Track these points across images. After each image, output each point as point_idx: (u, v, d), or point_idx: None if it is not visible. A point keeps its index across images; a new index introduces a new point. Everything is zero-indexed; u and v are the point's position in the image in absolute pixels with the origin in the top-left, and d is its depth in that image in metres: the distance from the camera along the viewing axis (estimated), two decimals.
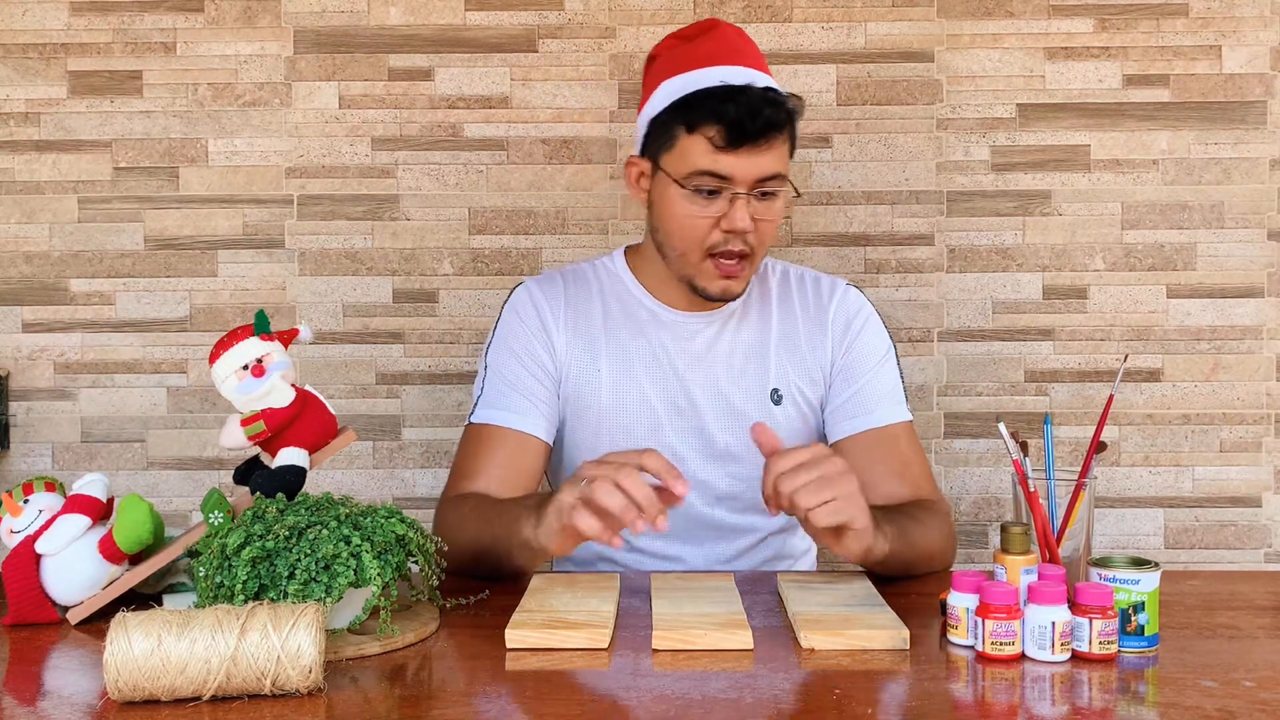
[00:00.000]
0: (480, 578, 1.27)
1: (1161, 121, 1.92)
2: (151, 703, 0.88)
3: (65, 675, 1.01)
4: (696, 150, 1.34)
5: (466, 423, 1.46)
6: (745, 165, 1.33)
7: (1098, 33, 1.91)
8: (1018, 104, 1.92)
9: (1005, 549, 1.06)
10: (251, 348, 1.11)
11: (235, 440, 1.13)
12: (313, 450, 1.14)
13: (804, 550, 1.57)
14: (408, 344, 1.94)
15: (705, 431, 1.45)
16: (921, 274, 1.93)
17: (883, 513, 1.22)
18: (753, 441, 1.17)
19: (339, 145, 1.92)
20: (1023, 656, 0.99)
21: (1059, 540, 1.12)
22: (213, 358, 1.12)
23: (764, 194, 1.36)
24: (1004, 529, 1.07)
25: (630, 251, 1.54)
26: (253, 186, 1.92)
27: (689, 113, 1.35)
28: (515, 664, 0.99)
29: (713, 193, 1.35)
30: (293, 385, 1.14)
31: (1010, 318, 1.94)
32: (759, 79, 1.36)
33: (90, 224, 1.92)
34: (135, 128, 1.91)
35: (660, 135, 1.39)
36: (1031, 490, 1.12)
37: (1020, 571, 1.04)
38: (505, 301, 1.52)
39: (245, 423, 1.12)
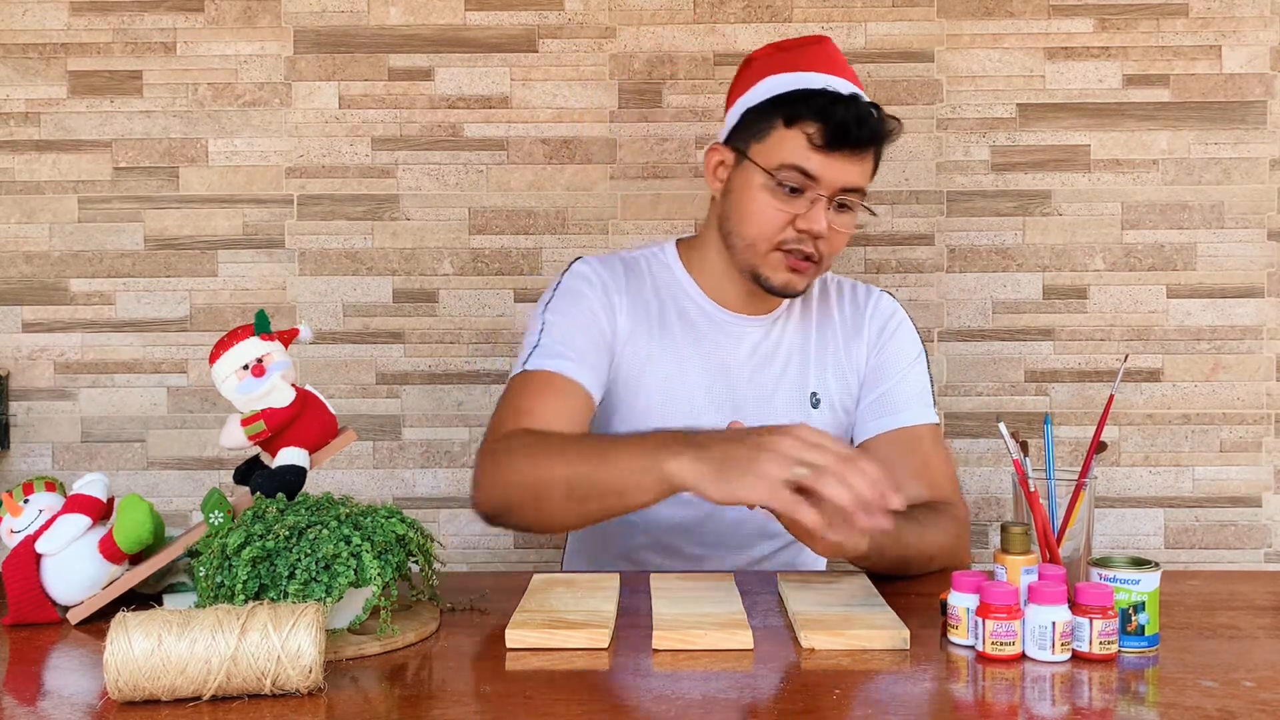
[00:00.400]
0: (538, 524, 1.22)
1: (1161, 121, 1.92)
2: (151, 703, 0.88)
3: (65, 675, 1.01)
4: (792, 145, 1.35)
5: (518, 371, 1.39)
6: (835, 170, 1.34)
7: (1098, 33, 1.91)
8: (1018, 104, 1.92)
9: (1005, 549, 1.06)
10: (251, 348, 1.11)
11: (235, 440, 1.13)
12: (313, 450, 1.14)
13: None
14: (408, 344, 1.94)
15: None
16: (921, 274, 1.93)
17: None
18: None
19: (339, 145, 1.92)
20: (1023, 656, 0.99)
21: (1059, 540, 1.12)
22: (213, 358, 1.12)
23: (841, 205, 1.37)
24: (1004, 529, 1.07)
25: (682, 245, 1.53)
26: (253, 186, 1.92)
27: (791, 107, 1.35)
28: (515, 664, 0.99)
29: (795, 190, 1.35)
30: (293, 385, 1.14)
31: (1010, 318, 1.94)
32: (862, 95, 1.38)
33: (90, 224, 1.92)
34: (135, 128, 1.91)
35: (754, 125, 1.39)
36: (1031, 490, 1.12)
37: (1020, 571, 1.04)
38: (565, 271, 1.48)
39: (245, 423, 1.12)
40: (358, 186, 1.92)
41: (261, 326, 1.12)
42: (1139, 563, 1.04)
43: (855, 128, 1.32)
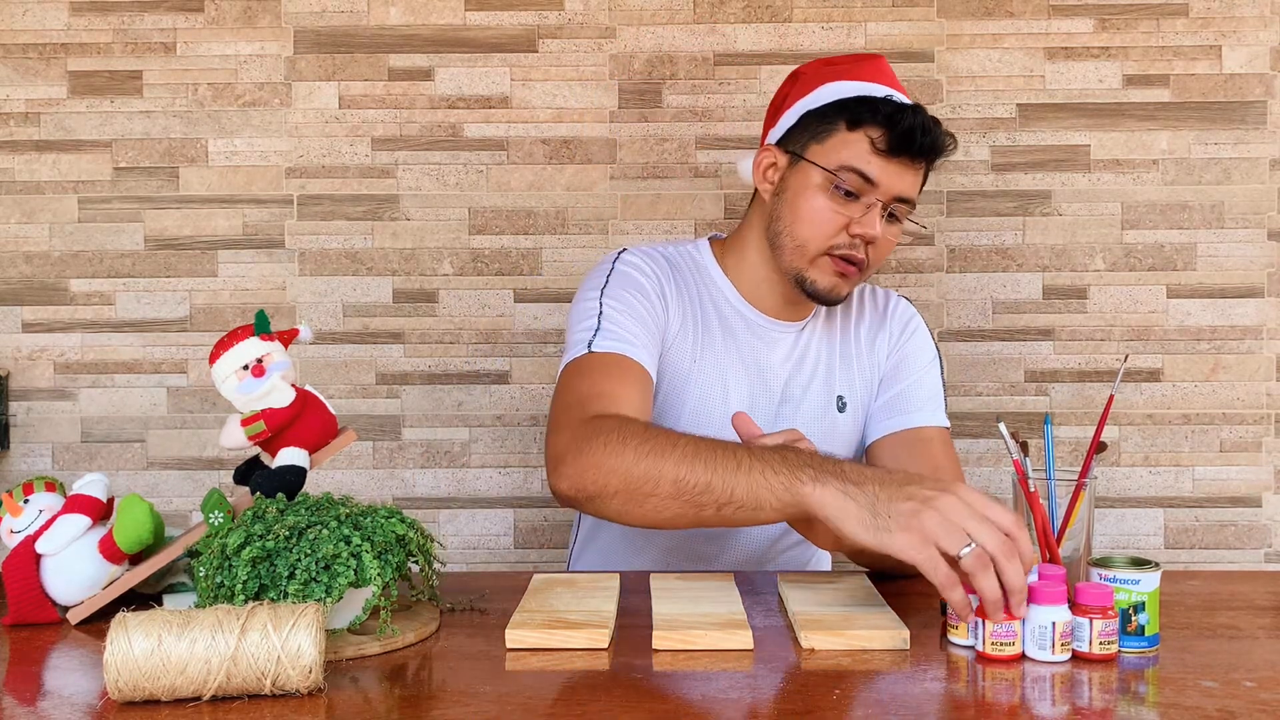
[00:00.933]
0: (637, 519, 1.16)
1: (1161, 121, 1.92)
2: (151, 703, 0.88)
3: (65, 675, 1.01)
4: (854, 148, 1.35)
5: (583, 352, 1.34)
6: (893, 176, 1.35)
7: (1098, 33, 1.91)
8: (1018, 104, 1.92)
9: None
10: (251, 348, 1.11)
11: (235, 440, 1.13)
12: (313, 450, 1.14)
13: None
14: (408, 344, 1.94)
15: None
16: (921, 274, 1.93)
17: None
18: (733, 428, 1.19)
19: (339, 145, 1.92)
20: (1023, 656, 0.99)
21: (1059, 540, 1.12)
22: (213, 358, 1.12)
23: (892, 215, 1.38)
24: None
25: (717, 246, 1.53)
26: (253, 186, 1.92)
27: (856, 111, 1.36)
28: (515, 664, 0.99)
29: (851, 195, 1.36)
30: (293, 385, 1.14)
31: (1010, 318, 1.94)
32: (923, 108, 1.39)
33: (90, 224, 1.92)
34: (135, 128, 1.91)
35: (814, 127, 1.39)
36: (1031, 490, 1.12)
37: None
38: (614, 259, 1.45)
39: (245, 423, 1.12)
40: (358, 186, 1.92)
41: (261, 327, 1.12)
42: (1139, 563, 1.04)
43: (920, 135, 1.34)
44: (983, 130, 1.92)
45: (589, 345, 1.34)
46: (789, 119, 1.43)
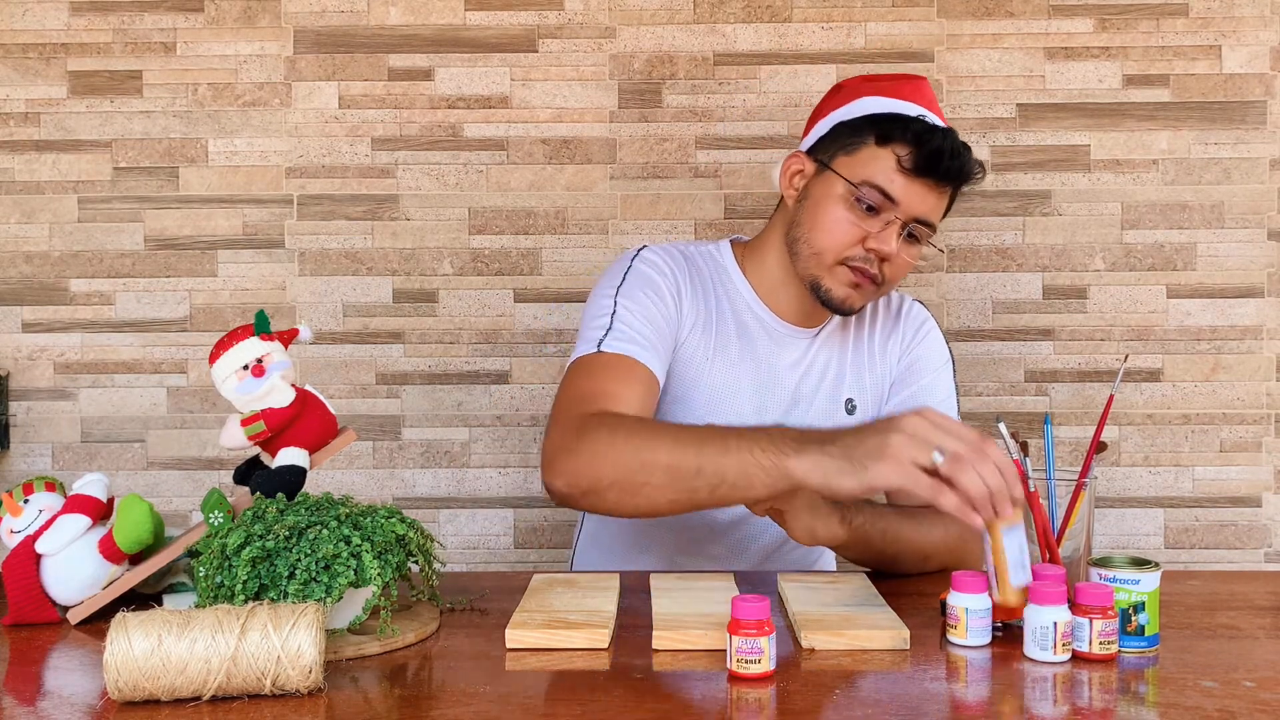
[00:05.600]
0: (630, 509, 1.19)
1: (1161, 121, 1.92)
2: (151, 703, 0.88)
3: (65, 675, 1.01)
4: (880, 164, 1.35)
5: (591, 351, 1.35)
6: (915, 196, 1.35)
7: (1098, 33, 1.91)
8: (1018, 104, 1.92)
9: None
10: (251, 348, 1.11)
11: (235, 440, 1.13)
12: (313, 450, 1.14)
13: None
14: (408, 344, 1.94)
15: None
16: (921, 274, 1.93)
17: (858, 502, 1.24)
18: None
19: (339, 145, 1.92)
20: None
21: (1059, 540, 1.12)
22: (213, 358, 1.12)
23: (911, 236, 1.38)
24: None
25: (738, 248, 1.53)
26: (253, 186, 1.92)
27: (887, 127, 1.36)
28: (515, 664, 0.99)
29: (872, 210, 1.36)
30: (293, 385, 1.14)
31: (1010, 318, 1.94)
32: (956, 132, 1.39)
33: (90, 224, 1.92)
34: (135, 128, 1.91)
35: (845, 139, 1.40)
36: (1031, 490, 1.12)
37: (1001, 532, 1.03)
38: (634, 256, 1.45)
39: (245, 423, 1.12)
40: (358, 186, 1.92)
41: (261, 327, 1.12)
42: (1139, 563, 1.04)
43: (947, 158, 1.34)
44: (983, 130, 1.92)
45: (599, 344, 1.35)
46: (822, 128, 1.44)
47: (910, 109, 1.38)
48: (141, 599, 1.15)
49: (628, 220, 1.93)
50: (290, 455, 1.12)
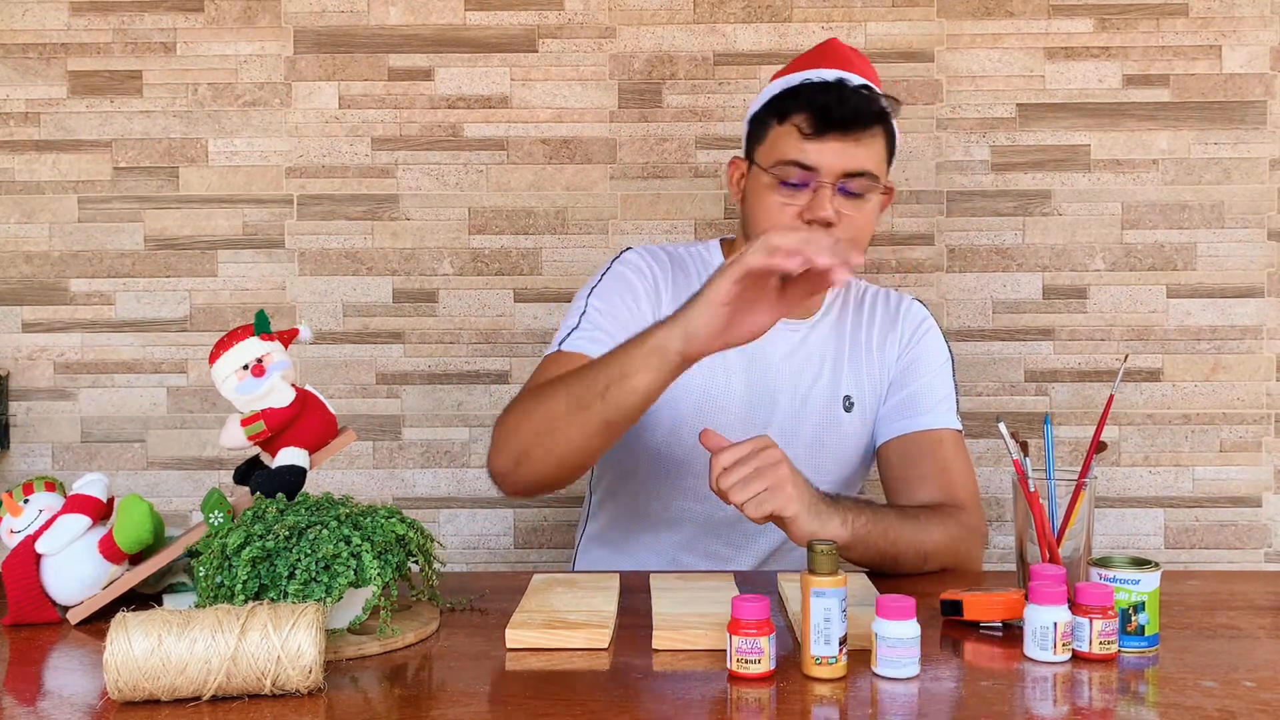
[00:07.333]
0: (554, 467, 1.25)
1: (1161, 121, 1.92)
2: (151, 703, 0.88)
3: (65, 675, 1.01)
4: (786, 140, 1.38)
5: (553, 350, 1.41)
6: (832, 155, 1.36)
7: (1098, 33, 1.91)
8: (1018, 104, 1.92)
9: (812, 569, 0.95)
10: (251, 348, 1.11)
11: (235, 440, 1.13)
12: (313, 450, 1.14)
13: None
14: (408, 344, 1.94)
15: (784, 432, 1.46)
16: (921, 274, 1.93)
17: (858, 504, 1.25)
18: (702, 447, 1.19)
19: (339, 145, 1.92)
20: (1023, 657, 0.99)
21: (1059, 540, 1.12)
22: (213, 358, 1.12)
23: (850, 193, 1.38)
24: (810, 546, 0.95)
25: (726, 245, 1.55)
26: (253, 186, 1.92)
27: (781, 104, 1.39)
28: (515, 664, 0.99)
29: (800, 185, 1.37)
30: (293, 385, 1.14)
31: (1010, 318, 1.94)
32: (854, 79, 1.39)
33: (90, 224, 1.92)
34: (135, 128, 1.91)
35: (757, 131, 1.43)
36: (1031, 490, 1.12)
37: (811, 594, 0.94)
38: (615, 258, 1.50)
39: (245, 423, 1.12)
40: (358, 186, 1.92)
41: (261, 326, 1.12)
42: (1139, 563, 1.04)
43: (837, 107, 1.34)
44: (983, 130, 1.92)
45: (560, 343, 1.41)
46: (745, 128, 1.48)
47: (800, 77, 1.40)
48: (141, 599, 1.15)
49: (628, 220, 1.93)
50: (290, 455, 1.12)
